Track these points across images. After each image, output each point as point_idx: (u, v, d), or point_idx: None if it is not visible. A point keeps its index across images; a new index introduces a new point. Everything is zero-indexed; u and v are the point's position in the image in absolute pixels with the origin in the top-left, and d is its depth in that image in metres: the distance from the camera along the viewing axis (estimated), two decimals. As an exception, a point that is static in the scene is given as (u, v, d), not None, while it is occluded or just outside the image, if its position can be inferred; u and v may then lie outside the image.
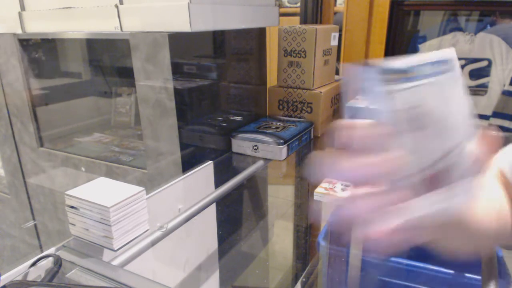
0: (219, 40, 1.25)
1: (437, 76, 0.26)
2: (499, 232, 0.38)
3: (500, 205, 0.39)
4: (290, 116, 1.36)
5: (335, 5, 1.59)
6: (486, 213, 0.36)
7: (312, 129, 1.31)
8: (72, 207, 0.68)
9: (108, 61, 1.67)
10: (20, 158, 1.55)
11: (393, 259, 0.74)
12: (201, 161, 1.09)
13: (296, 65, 1.30)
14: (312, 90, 1.30)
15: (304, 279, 0.78)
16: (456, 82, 0.27)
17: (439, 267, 0.70)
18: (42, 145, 1.50)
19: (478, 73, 1.37)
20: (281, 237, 1.25)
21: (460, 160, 0.27)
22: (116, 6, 0.93)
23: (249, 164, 1.14)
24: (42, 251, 0.66)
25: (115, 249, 0.67)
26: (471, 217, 0.33)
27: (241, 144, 1.20)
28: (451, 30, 1.41)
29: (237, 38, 1.28)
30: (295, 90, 1.32)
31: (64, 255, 0.66)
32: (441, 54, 0.27)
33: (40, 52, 1.52)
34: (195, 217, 0.85)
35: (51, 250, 0.67)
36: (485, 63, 1.36)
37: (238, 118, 1.31)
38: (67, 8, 1.02)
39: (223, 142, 1.23)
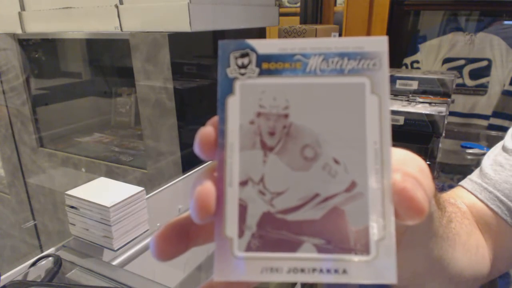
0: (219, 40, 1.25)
1: (340, 76, 0.17)
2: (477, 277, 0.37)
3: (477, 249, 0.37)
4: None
5: (335, 5, 1.59)
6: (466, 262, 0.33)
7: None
8: (72, 207, 0.68)
9: (108, 61, 1.67)
10: (20, 158, 1.55)
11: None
12: (201, 161, 1.09)
13: (296, 65, 1.30)
14: (312, 90, 1.29)
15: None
16: (373, 91, 0.17)
17: None
18: (42, 145, 1.50)
19: (478, 73, 1.37)
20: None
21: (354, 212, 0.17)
22: (116, 6, 0.93)
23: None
24: (42, 251, 0.66)
25: (115, 249, 0.67)
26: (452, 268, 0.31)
27: (241, 144, 1.20)
28: (451, 30, 1.41)
29: (237, 38, 1.28)
30: (295, 90, 1.32)
31: (64, 255, 0.66)
32: (362, 42, 0.17)
33: (40, 52, 1.52)
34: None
35: (51, 250, 0.67)
36: (485, 63, 1.36)
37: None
38: (67, 8, 1.02)
39: (223, 142, 1.23)
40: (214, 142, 0.18)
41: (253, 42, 0.18)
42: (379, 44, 0.17)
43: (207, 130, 0.18)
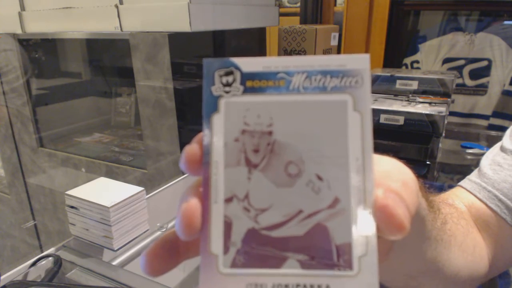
0: (219, 40, 1.25)
1: (323, 94, 0.18)
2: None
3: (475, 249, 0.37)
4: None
5: (335, 5, 1.59)
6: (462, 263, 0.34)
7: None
8: (72, 207, 0.68)
9: (108, 61, 1.67)
10: (20, 158, 1.55)
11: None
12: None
13: (296, 65, 1.30)
14: (312, 90, 1.29)
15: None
16: (355, 108, 0.17)
17: None
18: (42, 145, 1.50)
19: (478, 73, 1.37)
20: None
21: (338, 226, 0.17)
22: (116, 6, 0.93)
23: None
24: (42, 251, 0.66)
25: (115, 249, 0.67)
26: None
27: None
28: (451, 30, 1.41)
29: (237, 38, 1.28)
30: (295, 90, 1.32)
31: (64, 255, 0.66)
32: (344, 60, 0.18)
33: (40, 52, 1.51)
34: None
35: (51, 250, 0.67)
36: (485, 63, 1.36)
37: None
38: (67, 8, 1.02)
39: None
40: (200, 159, 0.18)
41: (238, 60, 0.18)
42: (361, 61, 0.18)
43: (192, 148, 0.18)
